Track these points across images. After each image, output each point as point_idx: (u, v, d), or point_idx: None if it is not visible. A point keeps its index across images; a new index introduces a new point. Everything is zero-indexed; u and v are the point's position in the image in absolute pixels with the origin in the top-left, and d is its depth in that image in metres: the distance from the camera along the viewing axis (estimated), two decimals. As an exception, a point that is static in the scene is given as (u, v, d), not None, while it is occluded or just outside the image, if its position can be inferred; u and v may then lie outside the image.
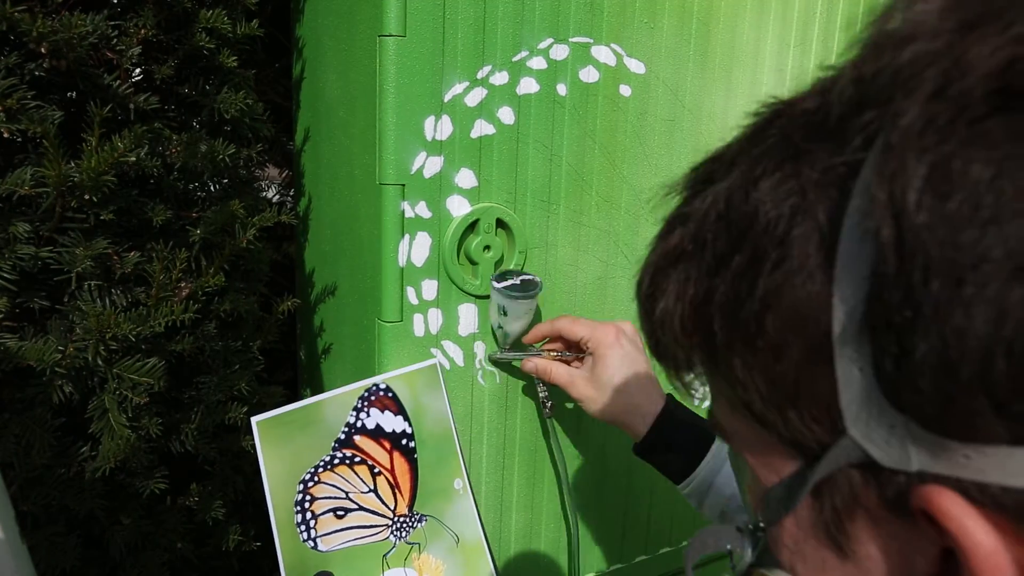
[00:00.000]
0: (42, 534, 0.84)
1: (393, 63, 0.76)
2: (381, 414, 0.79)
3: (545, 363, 0.82)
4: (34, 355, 0.75)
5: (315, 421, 0.77)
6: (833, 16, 1.04)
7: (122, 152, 0.77)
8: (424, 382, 0.82)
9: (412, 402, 0.81)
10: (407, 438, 0.80)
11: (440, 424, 0.82)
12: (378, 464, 0.79)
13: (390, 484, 0.79)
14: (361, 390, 0.79)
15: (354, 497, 0.77)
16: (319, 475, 0.76)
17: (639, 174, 0.93)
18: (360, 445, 0.78)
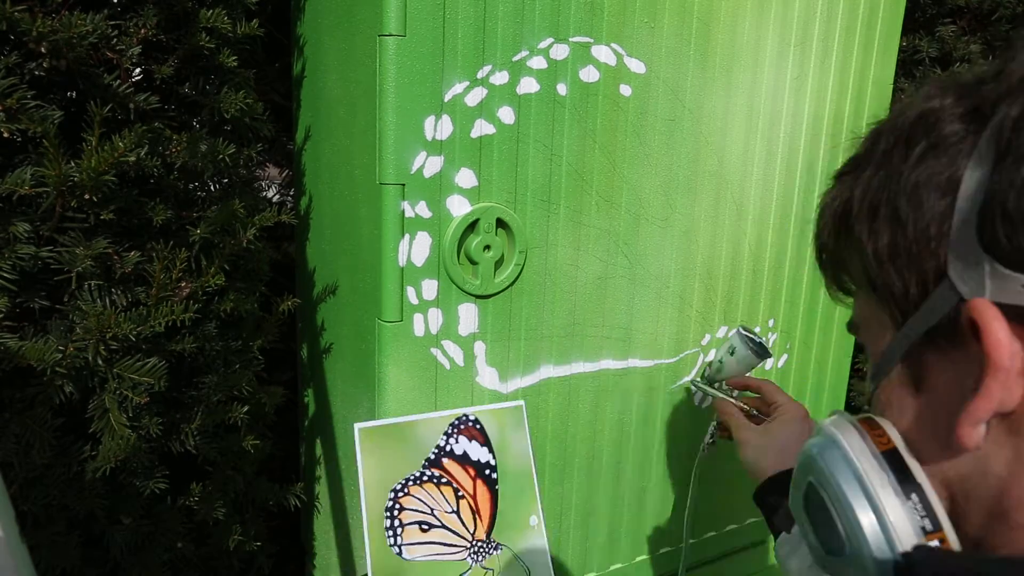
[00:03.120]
0: (42, 534, 0.83)
1: (393, 63, 0.76)
2: (469, 443, 0.84)
3: (733, 408, 0.94)
4: (34, 355, 0.75)
5: (410, 438, 0.81)
6: (833, 16, 1.04)
7: (122, 152, 0.77)
8: (510, 420, 0.87)
9: (498, 436, 0.85)
10: (491, 469, 0.85)
11: (521, 461, 0.87)
12: (462, 488, 0.83)
13: (471, 509, 0.83)
14: (452, 417, 0.83)
15: (438, 514, 0.81)
16: (409, 488, 0.80)
17: (639, 174, 0.93)
18: (448, 468, 0.82)
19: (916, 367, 0.39)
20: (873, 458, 0.40)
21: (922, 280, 0.37)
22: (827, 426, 0.44)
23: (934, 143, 0.37)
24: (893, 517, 0.39)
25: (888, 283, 0.39)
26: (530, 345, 0.91)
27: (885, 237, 0.38)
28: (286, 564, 1.31)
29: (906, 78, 1.55)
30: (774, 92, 1.01)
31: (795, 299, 1.13)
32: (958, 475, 0.38)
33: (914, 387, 0.40)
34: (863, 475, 0.40)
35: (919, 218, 0.37)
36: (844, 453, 0.42)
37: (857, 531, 0.40)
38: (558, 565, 1.02)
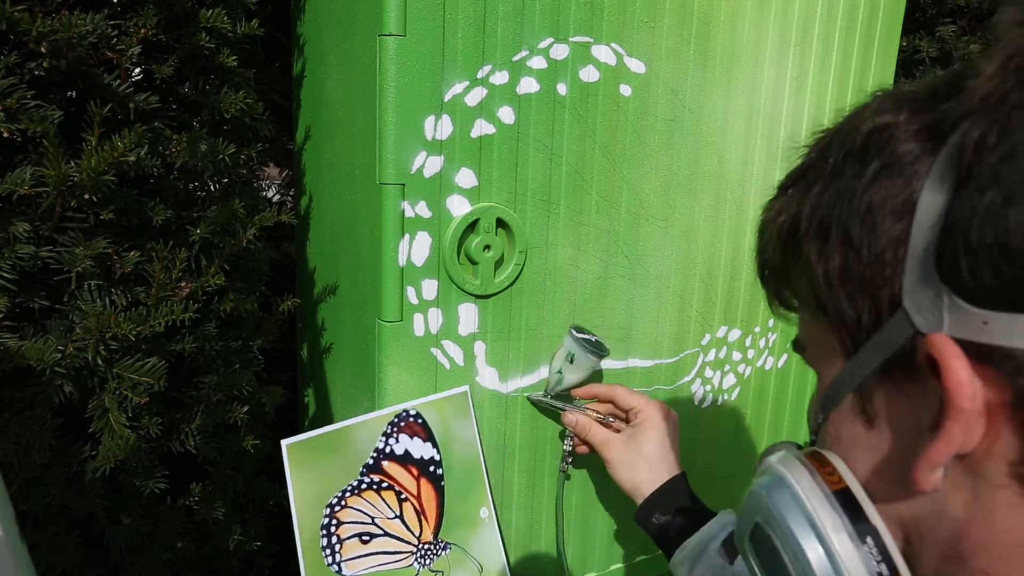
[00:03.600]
0: (42, 534, 0.83)
1: (393, 63, 0.76)
2: (410, 440, 0.80)
3: (587, 421, 0.88)
4: (34, 355, 0.75)
5: (345, 445, 0.77)
6: (833, 16, 1.04)
7: (122, 152, 0.77)
8: (454, 409, 0.83)
9: (441, 429, 0.82)
10: (435, 465, 0.81)
11: (468, 451, 0.83)
12: (405, 490, 0.79)
13: (416, 510, 0.79)
14: (391, 415, 0.79)
15: (380, 523, 0.77)
16: (346, 499, 0.76)
17: (639, 174, 0.93)
18: (388, 471, 0.79)
19: (869, 400, 0.37)
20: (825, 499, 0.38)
21: (875, 308, 0.35)
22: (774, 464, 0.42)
23: (887, 162, 0.35)
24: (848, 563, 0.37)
25: (839, 308, 0.37)
26: (530, 345, 0.91)
27: (836, 259, 0.37)
28: (286, 564, 1.31)
29: (906, 78, 1.55)
30: (774, 92, 1.01)
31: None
32: (913, 516, 0.37)
33: (866, 421, 0.38)
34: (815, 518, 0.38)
35: (873, 242, 0.35)
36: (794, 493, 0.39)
37: None
38: (558, 565, 1.02)
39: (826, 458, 0.40)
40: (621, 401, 0.88)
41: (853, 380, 0.38)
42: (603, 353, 0.88)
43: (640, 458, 0.83)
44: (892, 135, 0.35)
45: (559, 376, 0.89)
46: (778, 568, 0.40)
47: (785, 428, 1.18)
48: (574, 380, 0.89)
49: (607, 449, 0.85)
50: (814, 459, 0.40)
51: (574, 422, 0.89)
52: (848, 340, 0.38)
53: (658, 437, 0.83)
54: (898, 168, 0.34)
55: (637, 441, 0.84)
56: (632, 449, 0.83)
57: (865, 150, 0.36)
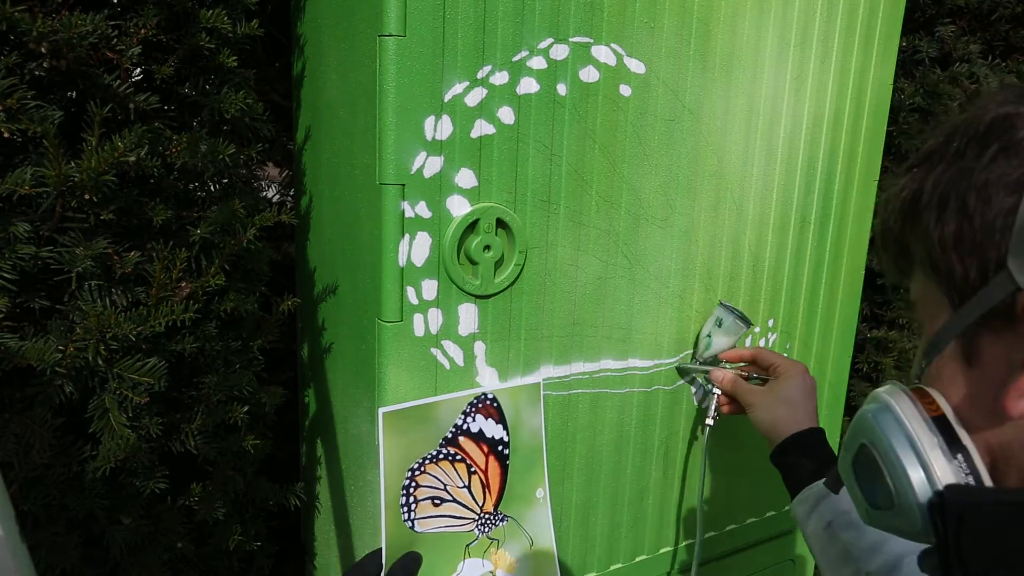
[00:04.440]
0: (42, 534, 0.84)
1: (393, 63, 0.76)
2: (485, 421, 0.88)
3: (733, 375, 0.97)
4: (34, 355, 0.75)
5: (430, 419, 0.85)
6: (833, 16, 1.04)
7: (122, 152, 0.77)
8: (526, 397, 0.90)
9: (512, 413, 0.89)
10: (503, 445, 0.89)
11: (533, 437, 0.91)
12: (475, 464, 0.87)
13: (482, 483, 0.88)
14: (471, 397, 0.87)
15: (451, 490, 0.86)
16: (425, 466, 0.84)
17: (639, 174, 0.93)
18: (463, 445, 0.87)
19: (970, 345, 0.44)
20: (924, 422, 0.45)
21: (983, 268, 0.41)
22: (881, 393, 0.48)
23: (1006, 145, 0.41)
24: (940, 474, 0.43)
25: (950, 268, 0.43)
26: (530, 345, 0.91)
27: (952, 226, 0.42)
28: (286, 564, 1.31)
29: (906, 78, 1.55)
30: (774, 92, 1.01)
31: (795, 299, 1.13)
32: (999, 442, 0.44)
33: (966, 362, 0.44)
34: (914, 437, 0.44)
35: (986, 212, 0.41)
36: (897, 417, 0.45)
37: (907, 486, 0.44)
38: (558, 564, 1.02)
39: (927, 391, 0.47)
40: (764, 360, 0.96)
41: (957, 328, 0.44)
42: (748, 323, 0.99)
43: (780, 402, 0.89)
44: (1012, 123, 0.41)
45: (708, 340, 1.00)
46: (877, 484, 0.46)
47: (785, 428, 1.18)
48: (722, 344, 0.99)
49: (750, 395, 0.92)
50: (916, 392, 0.47)
51: (721, 377, 0.97)
52: (955, 295, 0.44)
53: (797, 385, 0.90)
54: (1015, 151, 0.40)
55: (778, 388, 0.91)
56: (773, 394, 0.90)
57: (987, 135, 0.42)
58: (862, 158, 1.14)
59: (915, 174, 0.47)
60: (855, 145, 1.13)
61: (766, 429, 0.89)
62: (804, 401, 0.89)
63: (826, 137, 1.09)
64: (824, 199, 1.12)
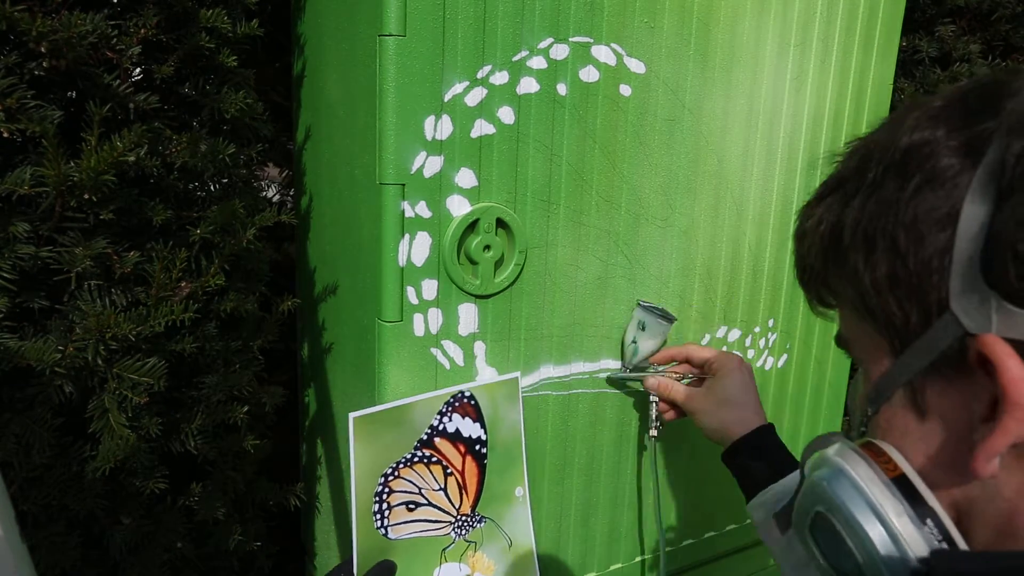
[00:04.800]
0: (42, 534, 0.83)
1: (393, 63, 0.76)
2: (462, 420, 0.85)
3: (668, 381, 0.92)
4: (34, 355, 0.75)
5: (404, 421, 0.82)
6: (833, 16, 1.04)
7: (121, 151, 0.77)
8: (504, 393, 0.88)
9: (491, 410, 0.87)
10: (481, 444, 0.86)
11: (512, 433, 0.88)
12: (451, 465, 0.84)
13: (459, 485, 0.85)
14: (448, 396, 0.84)
15: (426, 493, 0.83)
16: (399, 470, 0.82)
17: (639, 174, 0.93)
18: (439, 446, 0.84)
19: (919, 394, 0.40)
20: (884, 486, 0.41)
21: (924, 311, 0.38)
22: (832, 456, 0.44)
23: (929, 177, 0.37)
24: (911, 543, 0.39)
25: (887, 312, 0.40)
26: (530, 345, 0.91)
27: (883, 268, 0.39)
28: (286, 564, 1.31)
29: (906, 78, 1.55)
30: (774, 92, 1.01)
31: (795, 299, 1.13)
32: (965, 497, 0.40)
33: (918, 413, 0.41)
34: (876, 504, 0.40)
35: (919, 251, 0.37)
36: (854, 483, 0.41)
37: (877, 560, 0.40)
38: (558, 565, 1.02)
39: (880, 448, 0.42)
40: (695, 357, 0.92)
41: (902, 376, 0.40)
42: (671, 319, 0.94)
43: (722, 404, 0.86)
44: (932, 151, 0.37)
45: (634, 346, 0.94)
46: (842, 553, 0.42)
47: (785, 427, 1.18)
48: (649, 348, 0.94)
49: (691, 401, 0.89)
50: (869, 449, 0.43)
51: (656, 384, 0.93)
52: (896, 341, 0.40)
53: (736, 382, 0.87)
54: (939, 182, 0.37)
55: (717, 388, 0.87)
56: (713, 396, 0.87)
57: (905, 164, 0.38)
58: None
59: (830, 204, 0.43)
60: (855, 145, 1.13)
61: (713, 434, 0.86)
62: (746, 396, 0.86)
63: (826, 137, 1.09)
64: (824, 199, 1.11)
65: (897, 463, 0.41)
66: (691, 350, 0.94)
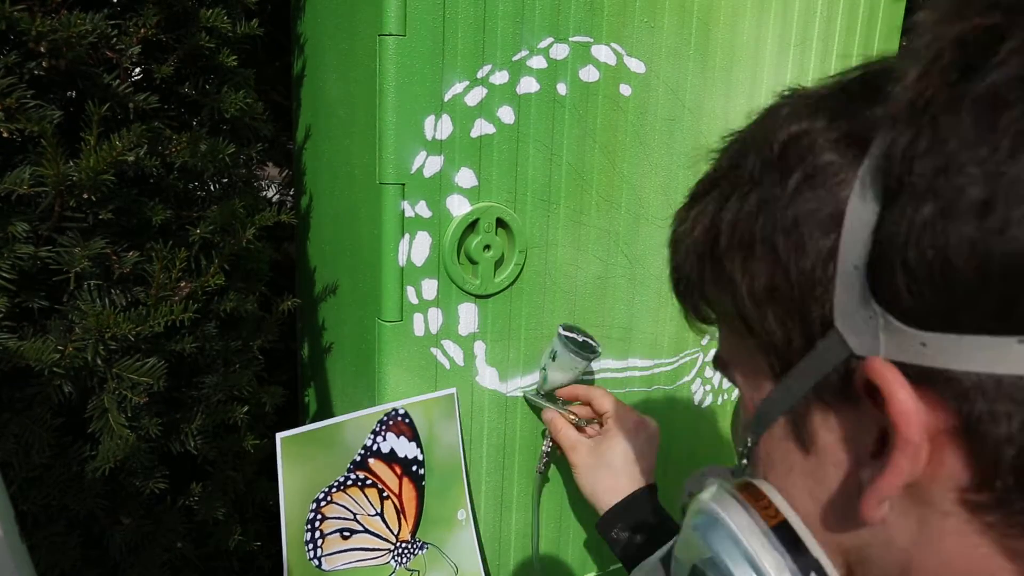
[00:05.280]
0: (42, 534, 0.83)
1: (393, 62, 0.76)
2: (396, 439, 0.81)
3: (561, 422, 0.85)
4: (33, 355, 0.75)
5: (336, 442, 0.77)
6: (833, 16, 1.04)
7: (121, 151, 0.76)
8: (440, 411, 0.83)
9: (427, 430, 0.82)
10: (418, 465, 0.81)
11: (450, 453, 0.83)
12: (388, 488, 0.80)
13: (396, 509, 0.80)
14: (381, 414, 0.80)
15: (361, 519, 0.78)
16: (332, 495, 0.77)
17: (639, 174, 0.93)
18: (374, 468, 0.79)
19: (802, 424, 0.35)
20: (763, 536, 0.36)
21: (806, 329, 0.33)
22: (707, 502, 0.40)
23: (810, 173, 0.32)
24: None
25: (766, 329, 0.35)
26: (530, 345, 0.91)
27: (763, 278, 0.34)
28: (286, 564, 1.31)
29: (906, 78, 1.55)
30: (774, 92, 1.01)
31: (795, 299, 1.13)
32: (855, 545, 0.35)
33: (802, 446, 0.36)
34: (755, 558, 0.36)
35: (800, 258, 0.32)
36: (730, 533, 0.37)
37: None
38: (558, 565, 1.02)
39: (760, 491, 0.38)
40: (596, 404, 0.85)
41: (784, 403, 0.36)
42: (590, 355, 0.85)
43: (602, 465, 0.80)
44: (811, 143, 0.33)
45: (544, 373, 0.88)
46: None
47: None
48: (558, 380, 0.87)
49: (572, 453, 0.83)
50: (747, 493, 0.38)
51: (549, 420, 0.87)
52: (776, 362, 0.35)
53: (623, 446, 0.81)
54: (821, 179, 0.32)
55: (602, 448, 0.81)
56: (596, 455, 0.81)
57: (783, 158, 0.34)
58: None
59: (704, 206, 0.38)
60: (855, 145, 1.13)
61: (587, 496, 0.81)
62: (630, 465, 0.80)
63: (826, 137, 1.09)
64: (824, 199, 1.12)
65: (778, 507, 0.37)
66: (595, 395, 0.86)
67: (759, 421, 0.38)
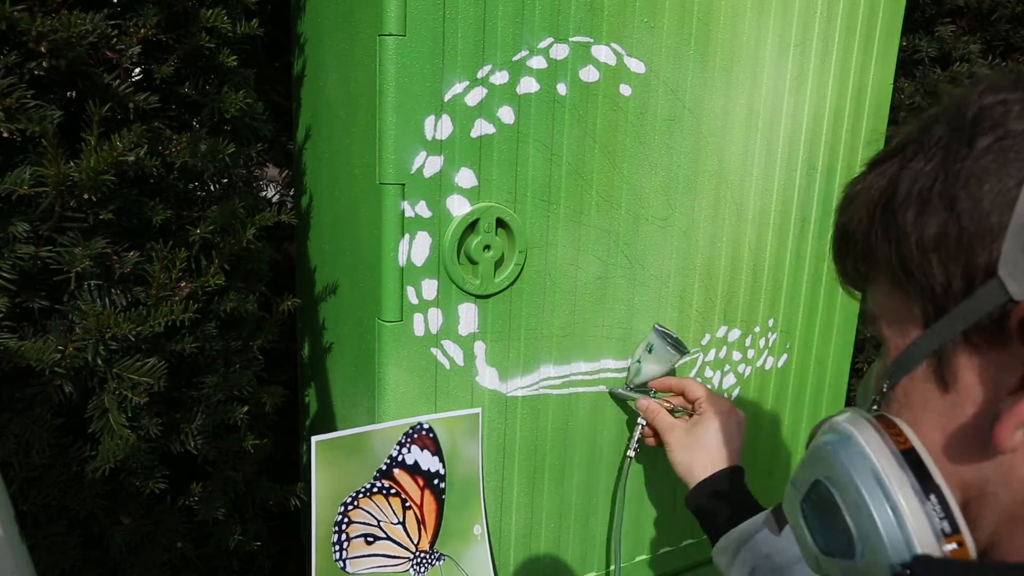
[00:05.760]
0: (42, 534, 0.83)
1: (393, 63, 0.76)
2: (420, 452, 0.84)
3: (657, 407, 0.93)
4: (33, 355, 0.75)
5: (365, 449, 0.81)
6: (833, 16, 1.04)
7: (121, 151, 0.76)
8: (463, 428, 0.87)
9: (449, 445, 0.85)
10: (439, 479, 0.85)
11: (470, 470, 0.87)
12: (410, 499, 0.83)
13: (417, 519, 0.84)
14: (407, 427, 0.83)
15: (384, 526, 0.82)
16: (359, 500, 0.80)
17: (639, 174, 0.93)
18: (398, 478, 0.83)
19: (946, 366, 0.38)
20: (892, 456, 0.39)
21: (968, 275, 0.36)
22: (841, 423, 0.42)
23: (1001, 136, 0.36)
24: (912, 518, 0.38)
25: (927, 275, 0.38)
26: (530, 345, 0.91)
27: (933, 227, 0.37)
28: (286, 564, 1.31)
29: (906, 78, 1.55)
30: (774, 92, 1.01)
31: (795, 299, 1.13)
32: (977, 478, 0.38)
33: (942, 385, 0.39)
34: (882, 474, 0.39)
35: (976, 208, 0.36)
36: (862, 450, 0.40)
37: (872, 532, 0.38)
38: (558, 565, 1.02)
39: (892, 420, 0.41)
40: (689, 393, 0.92)
41: (930, 346, 0.39)
42: (682, 350, 0.93)
43: (697, 445, 0.86)
44: (1006, 111, 0.36)
45: (638, 366, 0.95)
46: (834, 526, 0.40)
47: (784, 427, 1.18)
48: (652, 372, 0.95)
49: (669, 433, 0.89)
50: (881, 421, 0.41)
51: (645, 407, 0.94)
52: (930, 307, 0.39)
53: (717, 428, 0.87)
54: (1010, 142, 0.36)
55: (697, 430, 0.87)
56: (691, 436, 0.87)
57: (976, 124, 0.37)
58: (862, 158, 1.14)
59: (885, 169, 0.41)
60: (855, 145, 1.13)
61: (681, 473, 0.86)
62: (722, 447, 0.86)
63: (826, 137, 1.09)
64: (824, 199, 1.12)
65: (907, 436, 0.40)
66: (688, 385, 0.93)
67: (901, 365, 0.41)
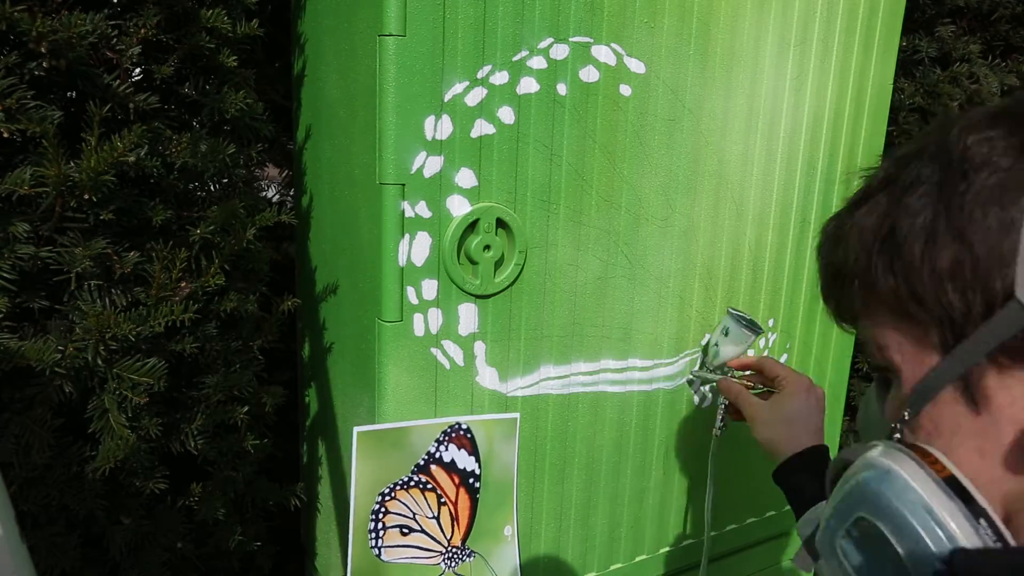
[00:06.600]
0: (42, 534, 0.83)
1: (393, 63, 0.76)
2: (458, 451, 0.86)
3: (738, 387, 0.95)
4: (34, 355, 0.75)
5: (404, 443, 0.82)
6: (833, 16, 1.04)
7: (121, 152, 0.77)
8: (501, 431, 0.88)
9: (486, 446, 0.87)
10: (474, 478, 0.87)
11: (505, 473, 0.89)
12: (445, 495, 0.85)
13: (451, 516, 0.86)
14: (445, 425, 0.85)
15: (419, 519, 0.84)
16: (396, 492, 0.82)
17: (639, 174, 0.93)
18: (434, 474, 0.85)
19: (976, 388, 0.39)
20: (936, 485, 0.39)
21: (988, 300, 0.38)
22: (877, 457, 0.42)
23: (994, 171, 0.38)
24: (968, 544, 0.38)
25: (944, 303, 0.39)
26: (530, 345, 0.91)
27: (946, 258, 0.39)
28: (286, 564, 1.31)
29: (906, 78, 1.55)
30: (774, 92, 1.01)
31: (795, 299, 1.13)
32: (1016, 491, 0.39)
33: (973, 408, 0.40)
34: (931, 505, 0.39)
35: (986, 237, 0.38)
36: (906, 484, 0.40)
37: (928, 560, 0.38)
38: (558, 565, 1.02)
39: (927, 450, 0.42)
40: (768, 371, 0.94)
41: (955, 370, 0.40)
42: (757, 330, 0.95)
43: (780, 420, 0.88)
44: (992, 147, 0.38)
45: (715, 349, 0.98)
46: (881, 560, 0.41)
47: (785, 428, 1.18)
48: (729, 353, 0.97)
49: (752, 409, 0.91)
50: (917, 451, 0.42)
51: (727, 387, 0.96)
52: (949, 333, 0.40)
53: (799, 403, 0.88)
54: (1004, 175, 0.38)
55: (780, 405, 0.89)
56: (773, 411, 0.89)
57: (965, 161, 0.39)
58: (862, 158, 1.14)
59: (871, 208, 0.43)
60: (855, 145, 1.13)
61: (766, 445, 0.88)
62: (805, 420, 0.88)
63: (826, 137, 1.09)
64: (824, 199, 1.12)
65: (944, 464, 0.40)
66: (766, 363, 0.95)
67: (922, 393, 0.41)
